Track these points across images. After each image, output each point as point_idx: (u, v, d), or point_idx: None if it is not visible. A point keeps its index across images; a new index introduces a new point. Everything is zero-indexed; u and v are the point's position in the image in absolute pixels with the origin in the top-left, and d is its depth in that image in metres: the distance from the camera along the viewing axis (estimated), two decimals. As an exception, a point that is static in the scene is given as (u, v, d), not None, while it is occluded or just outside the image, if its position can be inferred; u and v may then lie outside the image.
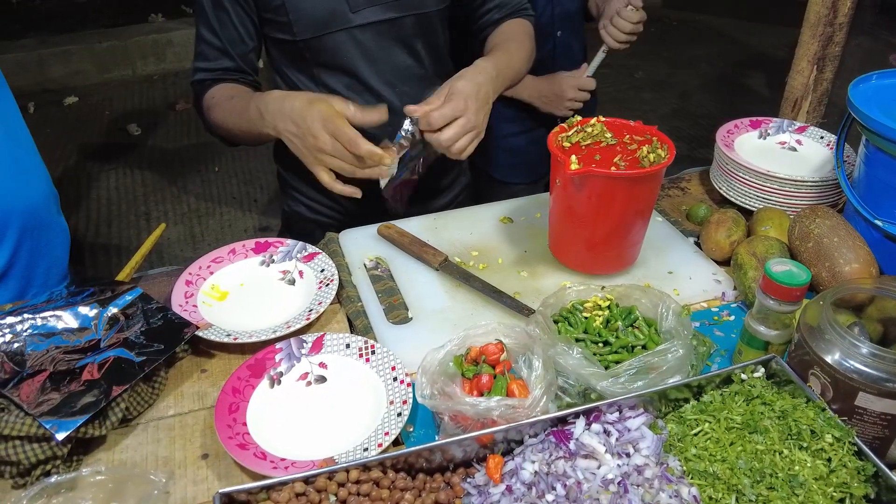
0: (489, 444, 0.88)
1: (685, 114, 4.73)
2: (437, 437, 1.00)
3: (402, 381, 1.05)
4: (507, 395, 0.93)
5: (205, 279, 1.27)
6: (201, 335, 1.12)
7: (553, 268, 1.32)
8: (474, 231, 1.43)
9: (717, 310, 1.23)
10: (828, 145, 1.56)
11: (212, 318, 1.18)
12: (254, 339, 1.12)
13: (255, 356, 1.09)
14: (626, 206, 1.19)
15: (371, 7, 1.34)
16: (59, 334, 1.06)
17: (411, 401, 1.01)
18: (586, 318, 1.08)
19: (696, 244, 1.39)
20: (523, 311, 1.19)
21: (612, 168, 1.27)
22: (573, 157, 1.14)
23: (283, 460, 0.94)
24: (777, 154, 1.57)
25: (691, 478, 0.84)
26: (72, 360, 1.03)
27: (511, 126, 1.92)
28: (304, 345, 1.12)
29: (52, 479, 0.89)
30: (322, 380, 1.09)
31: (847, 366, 0.87)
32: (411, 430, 1.02)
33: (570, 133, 1.27)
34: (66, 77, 5.14)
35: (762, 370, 0.95)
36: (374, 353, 1.10)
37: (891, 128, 1.12)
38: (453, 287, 1.28)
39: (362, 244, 1.39)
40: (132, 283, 1.21)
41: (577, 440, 0.86)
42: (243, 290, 1.28)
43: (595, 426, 0.88)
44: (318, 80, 1.41)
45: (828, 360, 0.89)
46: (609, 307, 1.10)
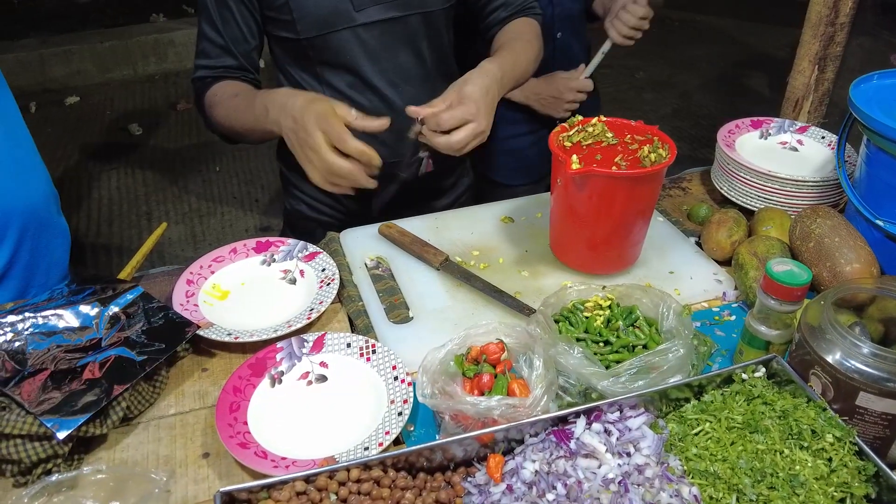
0: (490, 443, 0.88)
1: (686, 114, 4.73)
2: (437, 437, 1.00)
3: (402, 381, 1.05)
4: (508, 395, 0.94)
5: (206, 278, 1.28)
6: (202, 334, 1.12)
7: (554, 267, 1.32)
8: (475, 231, 1.43)
9: (717, 310, 1.23)
10: (829, 145, 1.56)
11: (213, 318, 1.18)
12: (255, 339, 1.12)
13: (256, 355, 1.09)
14: (627, 205, 1.19)
15: (375, 6, 1.34)
16: (61, 333, 1.06)
17: (412, 400, 1.01)
18: (587, 317, 1.08)
19: (697, 244, 1.39)
20: (524, 310, 1.19)
21: (614, 168, 1.28)
22: (574, 157, 1.14)
23: (283, 459, 0.94)
24: (778, 154, 1.57)
25: (692, 477, 0.84)
26: (73, 359, 1.03)
27: (512, 128, 1.91)
28: (305, 344, 1.12)
29: (53, 478, 0.89)
30: (323, 379, 1.09)
31: (848, 365, 0.87)
32: (412, 429, 1.02)
33: (571, 133, 1.27)
34: (67, 77, 5.14)
35: (763, 370, 0.95)
36: (374, 352, 1.10)
37: (892, 128, 1.12)
38: (454, 286, 1.28)
39: (363, 243, 1.39)
40: (133, 282, 1.21)
41: (578, 439, 0.86)
42: (244, 289, 1.28)
43: (596, 426, 0.88)
44: (322, 79, 1.41)
45: (829, 359, 0.89)
46: (610, 307, 1.10)
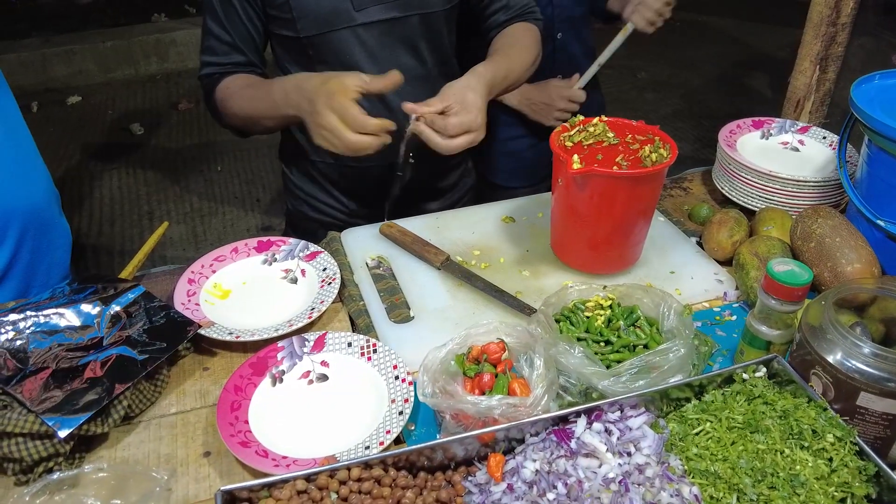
0: (490, 442, 0.89)
1: (687, 114, 4.73)
2: (438, 436, 1.00)
3: (403, 380, 1.05)
4: (509, 394, 0.94)
5: (207, 277, 1.28)
6: (203, 333, 1.12)
7: (555, 267, 1.32)
8: (476, 230, 1.43)
9: (718, 309, 1.23)
10: (830, 145, 1.56)
11: (214, 317, 1.18)
12: (256, 338, 1.13)
13: (257, 354, 1.09)
14: (628, 205, 1.19)
15: (375, 6, 1.34)
16: (62, 332, 1.07)
17: (413, 399, 1.01)
18: (588, 317, 1.08)
19: (698, 244, 1.39)
20: (525, 310, 1.19)
21: (615, 168, 1.28)
22: (575, 157, 1.14)
23: (284, 458, 0.94)
24: (779, 154, 1.57)
25: (692, 477, 0.84)
26: (74, 358, 1.03)
27: (511, 130, 1.91)
28: (306, 343, 1.12)
29: (54, 476, 0.90)
30: (324, 378, 1.09)
31: (849, 366, 0.87)
32: (413, 428, 1.02)
33: (572, 132, 1.27)
34: (69, 76, 5.15)
35: (764, 370, 0.95)
36: (375, 351, 1.10)
37: (893, 128, 1.12)
38: (455, 286, 1.28)
39: (364, 243, 1.39)
40: (135, 281, 1.21)
41: (579, 439, 0.86)
42: (245, 288, 1.28)
43: (596, 425, 0.88)
44: (321, 79, 1.41)
45: (829, 359, 0.89)
46: (611, 306, 1.10)
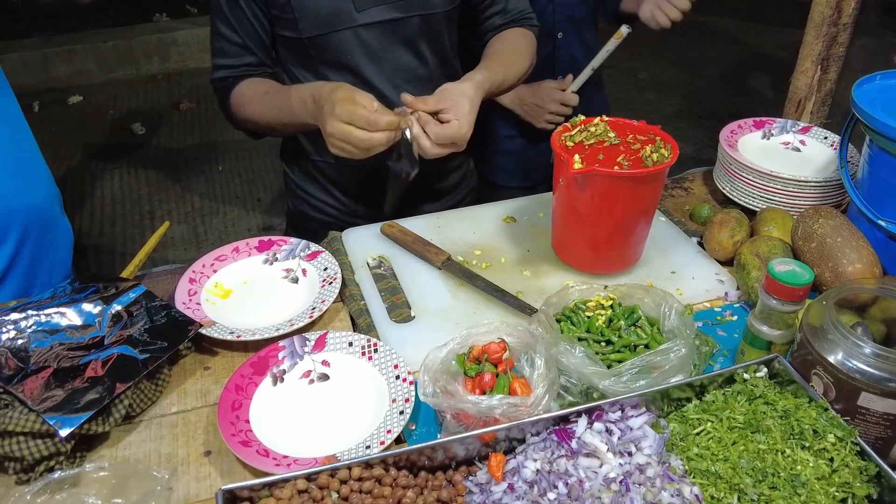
0: (491, 442, 0.89)
1: (688, 114, 4.73)
2: (439, 435, 1.00)
3: (404, 380, 1.05)
4: (510, 394, 0.94)
5: (208, 277, 1.28)
6: (204, 333, 1.13)
7: (556, 267, 1.32)
8: (477, 230, 1.43)
9: (719, 310, 1.23)
10: (831, 146, 1.56)
11: (215, 316, 1.18)
12: (257, 337, 1.13)
13: (258, 354, 1.09)
14: (629, 205, 1.19)
15: (377, 6, 1.34)
16: (63, 331, 1.07)
17: (413, 399, 1.01)
18: (589, 317, 1.08)
19: (699, 244, 1.39)
20: (526, 310, 1.19)
21: (616, 167, 1.27)
22: (576, 157, 1.14)
23: (285, 457, 0.94)
24: (780, 154, 1.57)
25: (693, 477, 0.84)
26: (75, 357, 1.03)
27: (508, 129, 1.91)
28: (307, 343, 1.12)
29: (55, 475, 0.90)
30: (325, 378, 1.09)
31: (850, 366, 0.87)
32: (413, 427, 1.02)
33: (573, 132, 1.27)
34: (70, 76, 5.15)
35: (765, 370, 0.95)
36: (376, 351, 1.10)
37: (894, 128, 1.12)
38: (456, 286, 1.28)
39: (365, 243, 1.39)
40: (136, 280, 1.21)
41: (580, 439, 0.86)
42: (247, 288, 1.28)
43: (597, 425, 0.88)
44: (323, 78, 1.41)
45: (830, 359, 0.89)
46: (612, 306, 1.10)
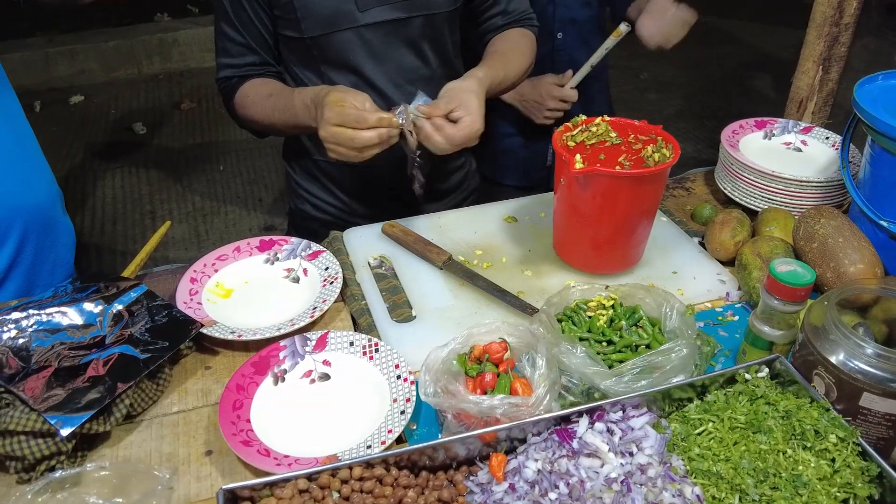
0: (492, 442, 0.88)
1: (690, 115, 4.72)
2: (440, 435, 1.00)
3: (405, 379, 1.05)
4: (511, 394, 0.94)
5: (209, 276, 1.28)
6: (206, 332, 1.13)
7: (557, 267, 1.32)
8: (478, 230, 1.43)
9: (721, 310, 1.23)
10: (833, 146, 1.56)
11: (216, 316, 1.18)
12: (258, 337, 1.13)
13: (259, 353, 1.09)
14: (630, 205, 1.19)
15: (379, 7, 1.34)
16: (64, 330, 1.07)
17: (415, 399, 1.01)
18: (590, 317, 1.08)
19: (701, 244, 1.39)
20: (527, 309, 1.19)
21: (617, 167, 1.27)
22: (578, 156, 1.14)
23: (286, 457, 0.94)
24: (782, 154, 1.57)
25: (694, 477, 0.84)
26: (77, 357, 1.03)
27: (507, 127, 1.90)
28: (308, 342, 1.12)
29: (56, 475, 0.90)
30: (326, 377, 1.09)
31: (851, 366, 0.87)
32: (415, 427, 1.02)
33: (574, 132, 1.27)
34: (72, 76, 5.15)
35: (766, 370, 0.95)
36: (377, 350, 1.10)
37: (897, 128, 1.12)
38: (457, 286, 1.28)
39: (366, 242, 1.39)
40: (137, 280, 1.21)
41: (581, 439, 0.86)
42: (248, 287, 1.28)
43: (598, 425, 0.88)
44: (326, 78, 1.41)
45: (832, 360, 0.89)
46: (613, 306, 1.09)
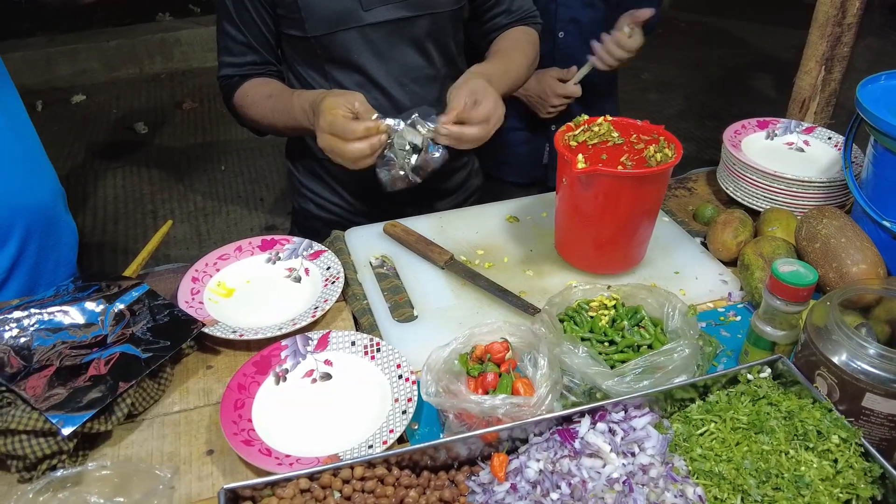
0: (494, 442, 0.88)
1: (691, 115, 4.72)
2: (441, 435, 1.00)
3: (407, 379, 1.05)
4: (513, 394, 0.93)
5: (211, 276, 1.28)
6: (207, 332, 1.13)
7: (559, 267, 1.32)
8: (480, 230, 1.43)
9: (723, 310, 1.23)
10: (835, 146, 1.55)
11: (218, 315, 1.18)
12: (259, 336, 1.13)
13: (260, 353, 1.09)
14: (632, 205, 1.19)
15: (384, 6, 1.34)
16: (66, 329, 1.07)
17: (416, 398, 1.01)
18: (592, 317, 1.08)
19: (703, 244, 1.39)
20: (529, 309, 1.19)
21: (619, 167, 1.27)
22: (580, 156, 1.14)
23: (287, 457, 0.94)
24: (784, 155, 1.57)
25: (696, 477, 0.84)
26: (78, 356, 1.03)
27: (514, 120, 1.89)
28: (310, 342, 1.12)
29: (57, 474, 0.90)
30: (327, 377, 1.09)
31: (854, 367, 0.87)
32: (416, 427, 1.02)
33: (576, 132, 1.27)
34: (73, 75, 5.16)
35: (768, 370, 0.95)
36: (379, 350, 1.10)
37: (899, 128, 1.12)
38: (459, 285, 1.27)
39: (368, 242, 1.39)
40: (139, 279, 1.21)
41: (583, 439, 0.86)
42: (249, 287, 1.28)
43: (600, 425, 0.88)
44: (330, 77, 1.41)
45: (835, 360, 0.88)
46: (615, 306, 1.09)
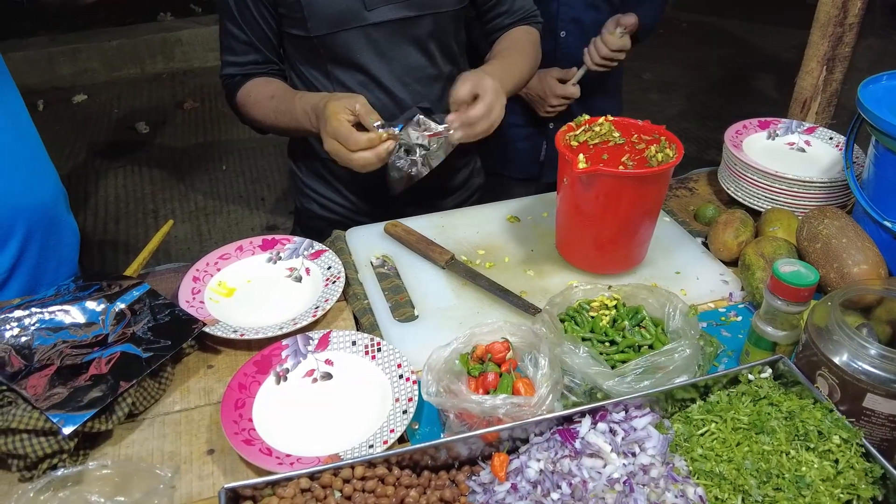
0: (494, 442, 0.88)
1: (693, 115, 4.72)
2: (442, 435, 0.99)
3: (407, 379, 1.05)
4: (513, 394, 0.93)
5: (212, 276, 1.28)
6: (208, 331, 1.13)
7: (560, 267, 1.32)
8: (481, 230, 1.43)
9: (724, 310, 1.23)
10: (837, 146, 1.55)
11: (219, 315, 1.18)
12: (260, 336, 1.13)
13: (261, 352, 1.09)
14: (633, 205, 1.18)
15: (387, 5, 1.34)
16: (67, 329, 1.07)
17: (417, 398, 1.01)
18: (593, 317, 1.08)
19: (704, 244, 1.38)
20: (529, 309, 1.18)
21: (620, 167, 1.27)
22: (581, 156, 1.14)
23: (288, 456, 0.94)
24: (785, 155, 1.56)
25: (697, 478, 0.84)
26: (79, 355, 1.03)
27: (516, 116, 1.89)
28: (311, 342, 1.12)
29: (58, 473, 0.90)
30: (328, 377, 1.09)
31: (855, 367, 0.87)
32: (417, 427, 1.02)
33: (577, 132, 1.27)
34: (75, 75, 5.16)
35: (769, 371, 0.95)
36: (380, 350, 1.10)
37: (901, 128, 1.12)
38: (459, 285, 1.27)
39: (369, 242, 1.39)
40: (139, 279, 1.21)
41: (583, 439, 0.86)
42: (250, 286, 1.28)
43: (601, 425, 0.88)
44: (332, 77, 1.41)
45: (836, 361, 0.88)
46: (616, 307, 1.09)
